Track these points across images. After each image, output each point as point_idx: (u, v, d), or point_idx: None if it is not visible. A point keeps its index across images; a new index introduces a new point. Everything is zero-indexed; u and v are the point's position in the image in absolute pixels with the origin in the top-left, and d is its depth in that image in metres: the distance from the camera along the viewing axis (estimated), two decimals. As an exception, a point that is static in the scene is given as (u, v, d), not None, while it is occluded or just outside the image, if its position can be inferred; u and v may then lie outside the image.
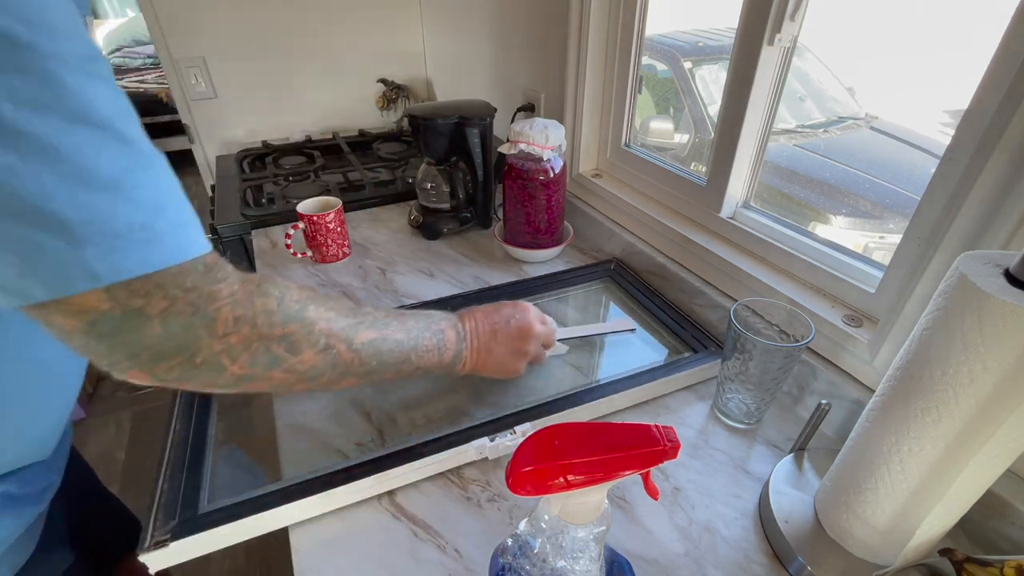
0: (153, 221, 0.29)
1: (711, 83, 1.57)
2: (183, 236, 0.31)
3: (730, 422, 0.59)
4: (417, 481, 0.52)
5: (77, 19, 0.28)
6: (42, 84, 0.25)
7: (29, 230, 0.26)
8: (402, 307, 0.74)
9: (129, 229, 0.28)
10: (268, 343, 0.37)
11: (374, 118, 1.63)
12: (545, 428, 0.33)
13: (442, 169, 0.95)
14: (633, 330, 0.72)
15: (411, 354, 0.48)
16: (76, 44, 0.27)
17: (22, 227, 0.26)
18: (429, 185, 0.96)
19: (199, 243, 0.33)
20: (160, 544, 0.43)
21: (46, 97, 0.25)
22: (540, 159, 0.82)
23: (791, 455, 0.53)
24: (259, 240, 0.98)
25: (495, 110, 0.93)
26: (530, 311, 0.59)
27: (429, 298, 0.78)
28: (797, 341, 0.54)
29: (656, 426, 0.32)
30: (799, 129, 1.40)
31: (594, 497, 0.33)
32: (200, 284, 0.32)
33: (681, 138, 1.52)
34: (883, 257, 0.56)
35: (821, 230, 0.70)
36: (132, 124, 0.30)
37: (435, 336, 0.50)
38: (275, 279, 0.39)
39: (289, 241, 0.87)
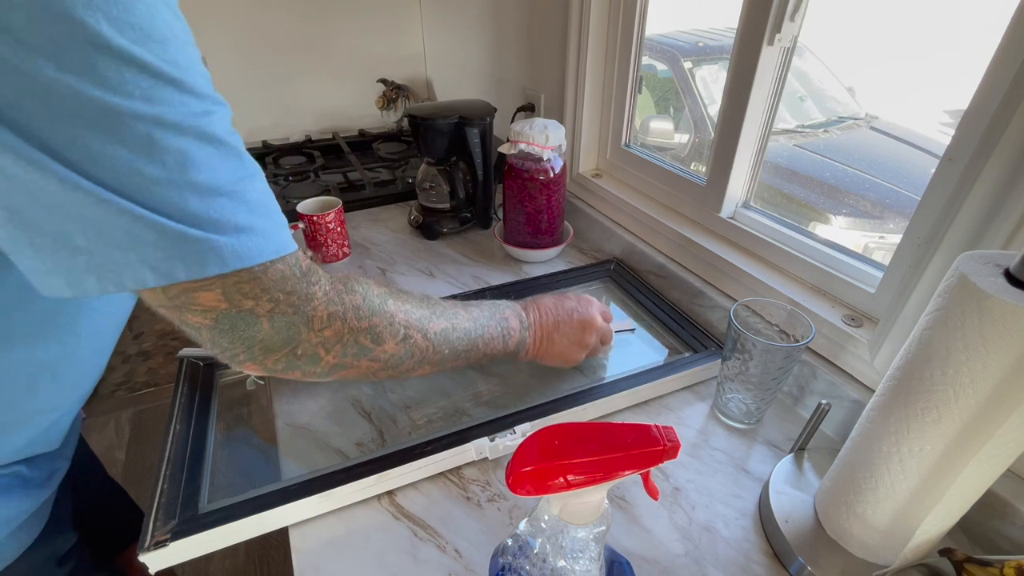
0: (260, 221, 0.34)
1: (711, 83, 1.57)
2: (282, 235, 0.36)
3: (730, 422, 0.59)
4: (417, 481, 0.52)
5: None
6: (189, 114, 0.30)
7: (174, 225, 0.31)
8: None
9: (245, 226, 0.33)
10: (356, 335, 0.42)
11: (374, 118, 1.63)
12: (545, 428, 0.33)
13: (442, 169, 0.95)
14: (633, 330, 0.72)
15: (478, 341, 0.52)
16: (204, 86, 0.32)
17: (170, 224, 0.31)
18: (429, 185, 0.96)
19: (292, 243, 0.37)
20: (160, 544, 0.43)
21: (188, 121, 0.30)
22: (540, 159, 0.82)
23: (791, 455, 0.53)
24: (259, 240, 0.98)
25: (495, 110, 0.93)
26: (592, 305, 0.62)
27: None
28: (797, 341, 0.54)
29: (656, 426, 0.32)
30: (799, 129, 1.40)
31: (594, 497, 0.33)
32: (298, 287, 0.38)
33: (681, 138, 1.52)
34: (883, 257, 0.56)
35: (821, 230, 0.70)
36: (239, 140, 0.34)
37: (500, 324, 0.54)
38: (358, 277, 0.44)
39: (289, 241, 0.87)
